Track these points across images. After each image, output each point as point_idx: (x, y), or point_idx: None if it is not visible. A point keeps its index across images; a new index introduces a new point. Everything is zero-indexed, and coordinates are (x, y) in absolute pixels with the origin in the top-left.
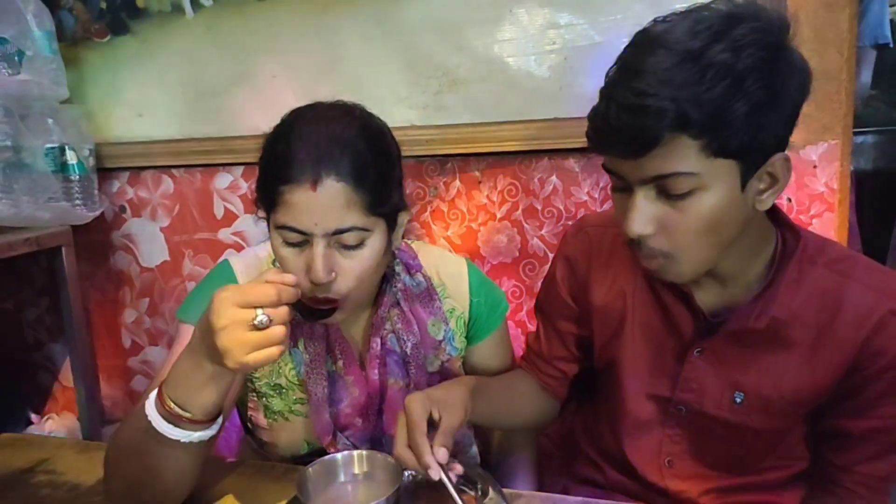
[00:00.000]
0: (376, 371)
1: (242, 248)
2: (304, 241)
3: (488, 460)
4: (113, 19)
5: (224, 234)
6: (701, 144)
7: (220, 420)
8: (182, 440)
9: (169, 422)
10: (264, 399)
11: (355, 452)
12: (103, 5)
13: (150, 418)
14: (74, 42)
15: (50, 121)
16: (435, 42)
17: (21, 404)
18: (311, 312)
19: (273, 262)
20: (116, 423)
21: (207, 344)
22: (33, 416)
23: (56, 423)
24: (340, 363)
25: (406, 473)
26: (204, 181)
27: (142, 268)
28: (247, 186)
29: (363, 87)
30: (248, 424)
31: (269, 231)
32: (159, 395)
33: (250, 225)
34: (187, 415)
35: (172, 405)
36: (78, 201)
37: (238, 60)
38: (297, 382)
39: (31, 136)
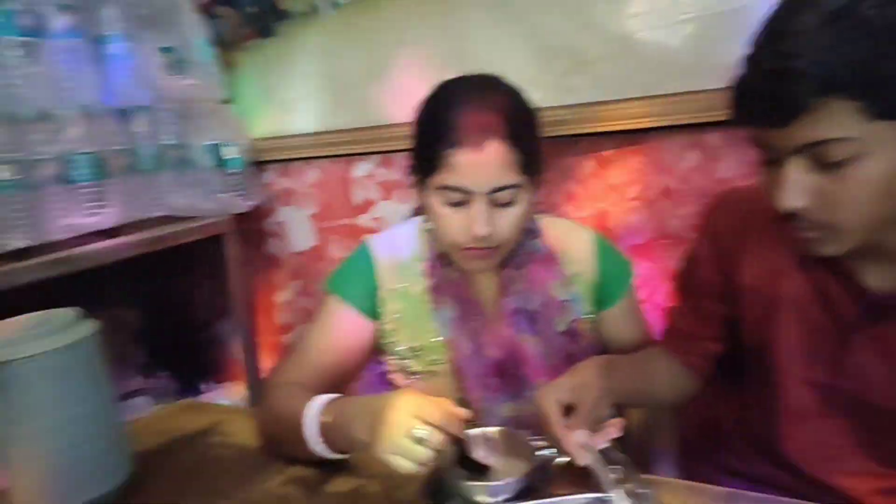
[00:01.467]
0: (509, 329)
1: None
2: (464, 199)
3: (626, 443)
4: (260, 23)
5: (363, 220)
6: (858, 107)
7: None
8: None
9: (315, 440)
10: (403, 361)
11: (490, 429)
12: (252, 11)
13: (304, 425)
14: (228, 47)
15: (210, 120)
16: (561, 22)
17: (194, 375)
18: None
19: (425, 229)
20: None
21: (372, 421)
22: (204, 386)
23: (224, 392)
24: (477, 323)
25: (540, 453)
26: (345, 170)
27: (293, 252)
28: (383, 174)
29: (490, 72)
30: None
31: (422, 194)
32: (321, 426)
33: (387, 210)
34: (329, 455)
35: (319, 441)
36: (237, 193)
37: (372, 54)
38: (436, 344)
39: (195, 135)
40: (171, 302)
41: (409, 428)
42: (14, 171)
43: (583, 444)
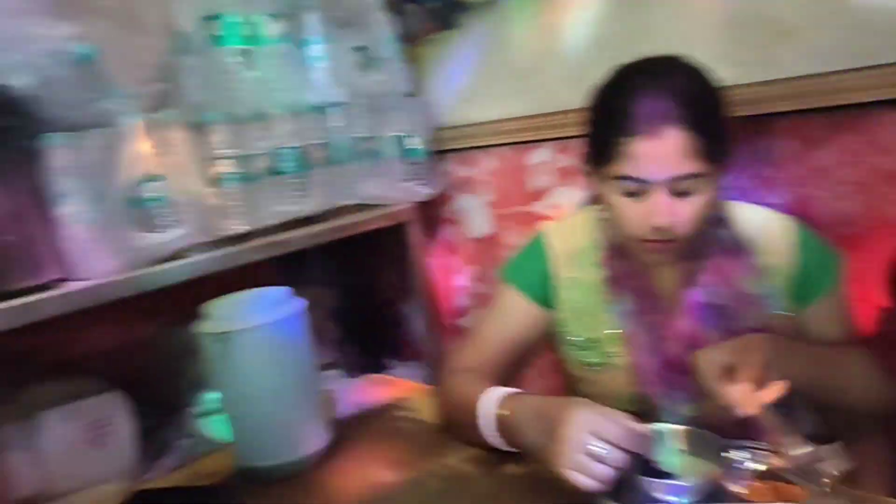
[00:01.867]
0: (691, 323)
1: (555, 219)
2: (641, 189)
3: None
4: (442, 16)
5: (539, 207)
6: None
7: None
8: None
9: (490, 432)
10: (578, 351)
11: (675, 426)
12: (434, 5)
13: (479, 416)
14: (412, 41)
15: (396, 113)
16: None
17: (380, 352)
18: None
19: (601, 218)
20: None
21: (546, 429)
22: (389, 362)
23: (406, 370)
24: (656, 316)
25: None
26: (521, 157)
27: (470, 239)
28: (560, 160)
29: (675, 50)
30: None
31: (597, 183)
32: (496, 419)
33: (563, 197)
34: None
35: (495, 433)
36: (419, 181)
37: (550, 39)
38: (612, 336)
39: (383, 128)
40: (361, 283)
41: (586, 445)
42: (235, 164)
43: (747, 396)
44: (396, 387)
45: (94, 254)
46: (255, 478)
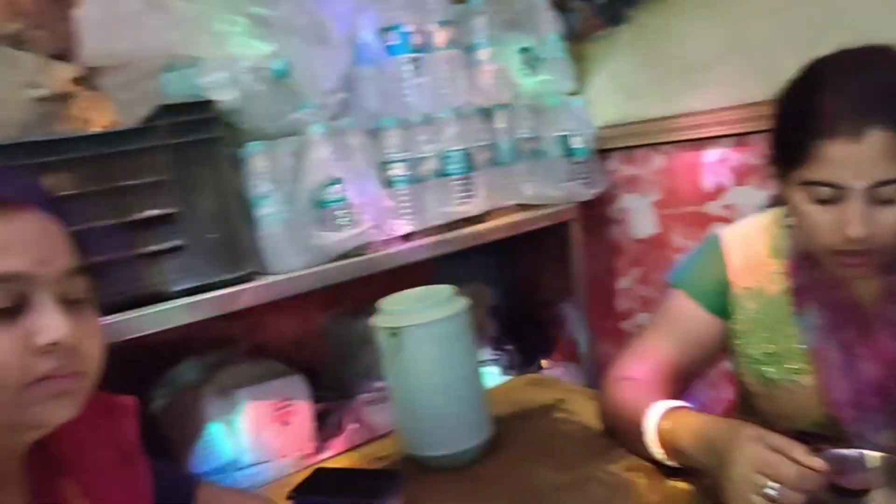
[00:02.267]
0: (893, 342)
1: (730, 221)
2: (835, 196)
3: None
4: (610, 12)
5: (712, 207)
6: None
7: None
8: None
9: (654, 445)
10: (757, 365)
11: (869, 452)
12: (602, 1)
13: (644, 428)
14: (578, 39)
15: (559, 113)
16: None
17: (536, 351)
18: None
19: (785, 224)
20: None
21: (713, 455)
22: (544, 362)
23: (563, 371)
24: (852, 332)
25: None
26: (692, 155)
27: (634, 239)
28: (737, 158)
29: (874, 36)
30: (741, 389)
31: (783, 187)
32: (659, 432)
33: (741, 197)
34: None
35: (658, 447)
36: (582, 181)
37: (727, 29)
38: (797, 351)
39: (547, 128)
40: (521, 282)
41: (760, 486)
42: (405, 167)
43: None
44: (555, 388)
45: (284, 250)
46: (419, 466)
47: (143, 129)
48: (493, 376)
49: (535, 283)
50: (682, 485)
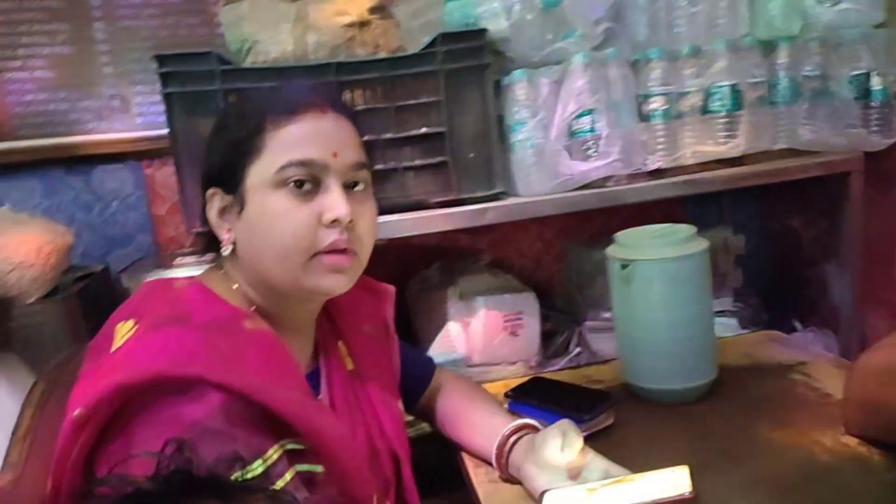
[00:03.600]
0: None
1: None
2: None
3: None
4: None
5: None
6: None
7: None
8: None
9: None
10: None
11: None
12: None
13: None
14: None
15: (858, 48)
16: None
17: (785, 310)
18: None
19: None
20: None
21: None
22: (797, 324)
23: (812, 336)
24: None
25: None
26: None
27: None
28: None
29: None
30: None
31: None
32: None
33: None
34: None
35: None
36: (875, 128)
37: None
38: None
39: (838, 65)
40: (778, 234)
41: None
42: (664, 101)
43: None
44: (799, 350)
45: (533, 175)
46: (634, 396)
47: (423, 55)
48: (729, 327)
49: (796, 237)
50: None
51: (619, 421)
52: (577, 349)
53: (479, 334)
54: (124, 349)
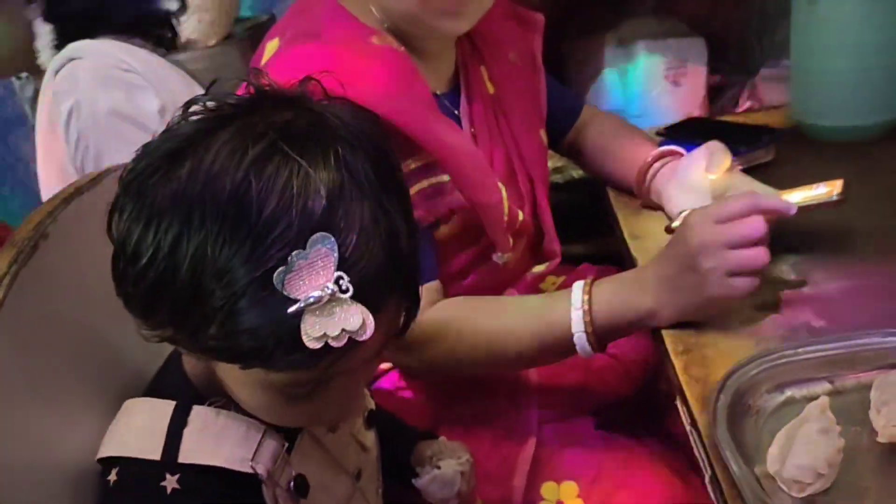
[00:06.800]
0: None
1: None
2: None
3: None
4: None
5: None
6: None
7: None
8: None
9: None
10: None
11: None
12: None
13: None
14: None
15: None
16: None
17: None
18: None
19: None
20: None
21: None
22: None
23: None
24: None
25: None
26: None
27: None
28: None
29: None
30: None
31: None
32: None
33: None
34: None
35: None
36: None
37: None
38: None
39: None
40: None
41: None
42: None
43: None
44: None
45: None
46: (805, 137)
47: None
48: None
49: None
50: None
51: (781, 159)
52: (748, 103)
53: (636, 84)
54: (268, 65)
